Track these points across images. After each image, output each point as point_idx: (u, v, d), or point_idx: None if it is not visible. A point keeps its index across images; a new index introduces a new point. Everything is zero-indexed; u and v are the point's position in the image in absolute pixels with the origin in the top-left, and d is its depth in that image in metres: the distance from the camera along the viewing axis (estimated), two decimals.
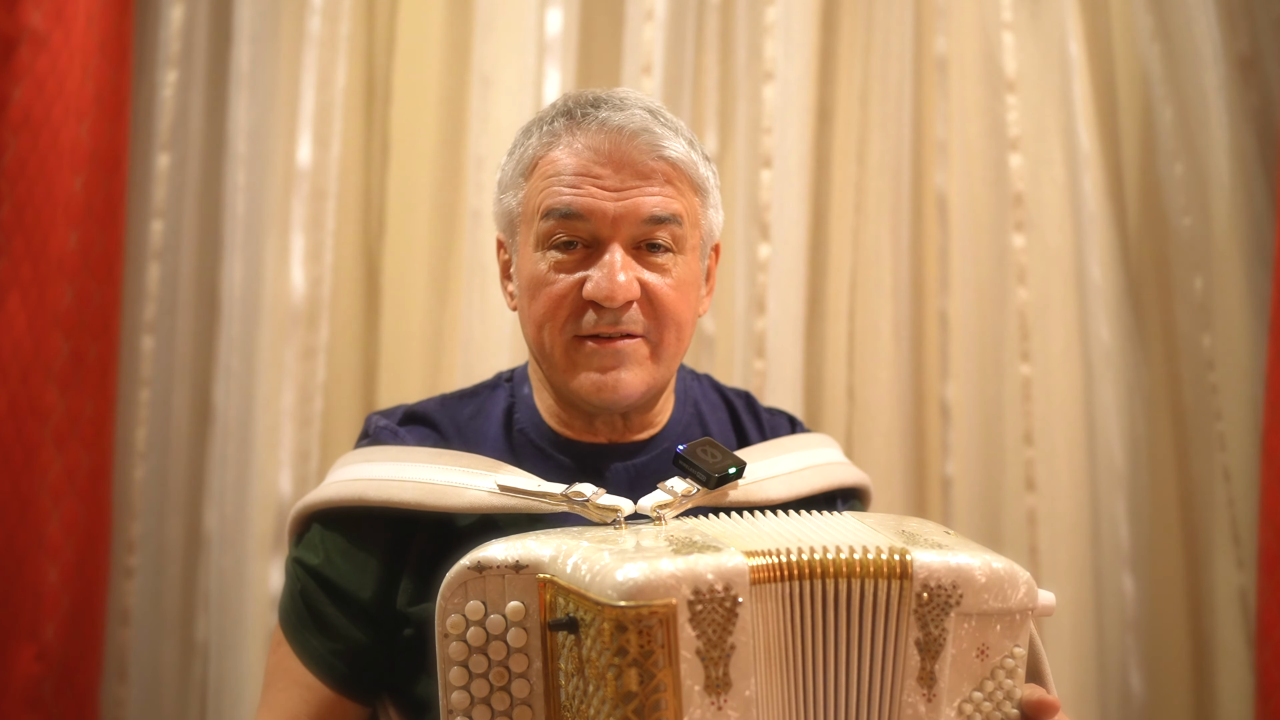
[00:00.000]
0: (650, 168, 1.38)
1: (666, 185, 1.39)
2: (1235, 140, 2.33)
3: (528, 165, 1.43)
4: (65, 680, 2.24)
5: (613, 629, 1.07)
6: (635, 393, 1.40)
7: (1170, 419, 2.41)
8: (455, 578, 1.16)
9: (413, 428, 1.49)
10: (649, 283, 1.39)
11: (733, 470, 1.37)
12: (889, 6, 2.43)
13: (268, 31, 2.43)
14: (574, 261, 1.39)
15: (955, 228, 2.39)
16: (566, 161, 1.39)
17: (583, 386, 1.39)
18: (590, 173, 1.38)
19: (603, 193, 1.37)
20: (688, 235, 1.42)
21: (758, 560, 1.12)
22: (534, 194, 1.41)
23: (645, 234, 1.38)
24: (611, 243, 1.37)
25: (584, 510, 1.30)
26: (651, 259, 1.39)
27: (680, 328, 1.42)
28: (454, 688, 1.17)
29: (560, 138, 1.41)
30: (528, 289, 1.41)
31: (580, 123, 1.40)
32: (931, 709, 1.17)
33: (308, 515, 1.45)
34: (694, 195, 1.43)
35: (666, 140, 1.39)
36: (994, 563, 1.19)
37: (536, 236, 1.40)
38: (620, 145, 1.38)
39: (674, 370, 1.46)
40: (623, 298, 1.36)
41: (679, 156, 1.40)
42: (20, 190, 2.24)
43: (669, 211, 1.38)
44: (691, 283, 1.43)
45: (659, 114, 1.42)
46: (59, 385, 2.24)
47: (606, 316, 1.37)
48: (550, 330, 1.40)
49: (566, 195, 1.37)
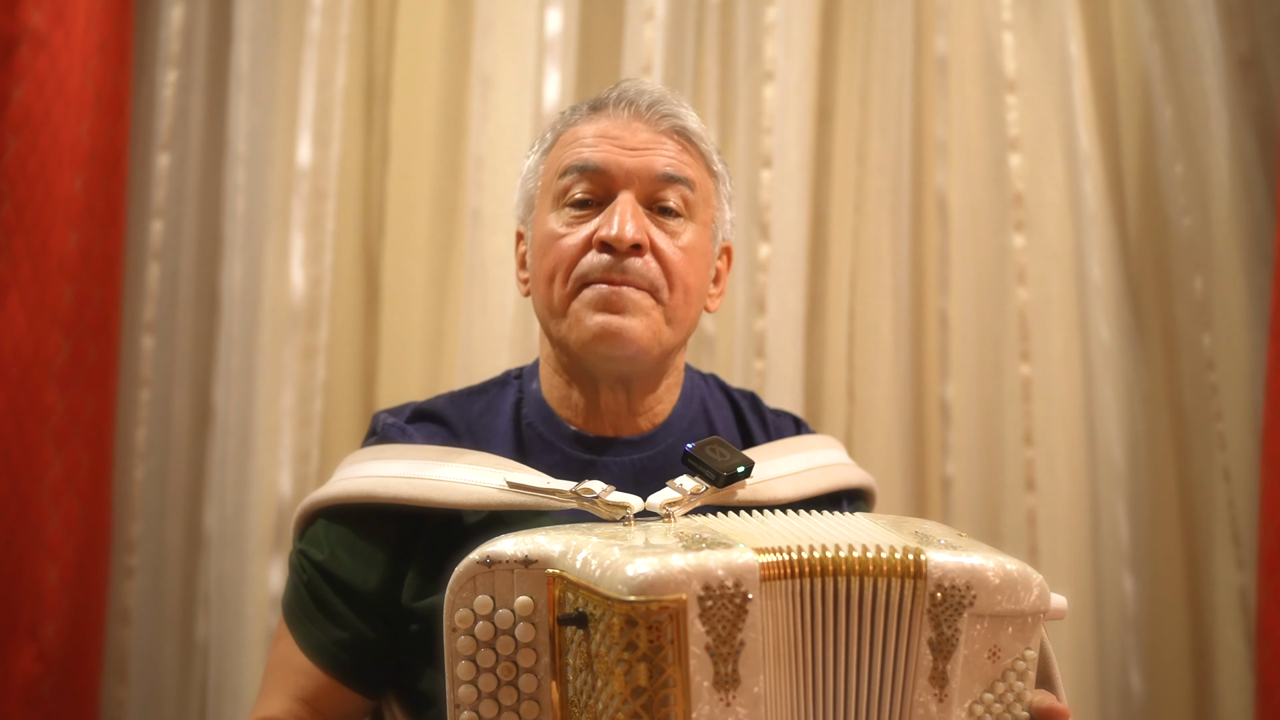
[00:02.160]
0: (665, 132, 1.44)
1: (682, 153, 1.44)
2: (1235, 140, 2.33)
3: (550, 144, 1.49)
4: (65, 680, 2.23)
5: (622, 624, 1.07)
6: (640, 341, 1.39)
7: (1170, 419, 2.41)
8: (464, 572, 1.16)
9: (421, 425, 1.49)
10: (658, 240, 1.41)
11: (741, 469, 1.37)
12: (889, 6, 2.44)
13: (268, 31, 2.43)
14: (589, 216, 1.42)
15: (955, 228, 2.40)
16: (586, 129, 1.45)
17: (587, 330, 1.39)
18: (608, 134, 1.44)
19: (618, 149, 1.42)
20: (700, 205, 1.45)
21: (768, 557, 1.12)
22: (554, 162, 1.46)
23: (657, 191, 1.42)
24: (624, 192, 1.41)
25: (593, 507, 1.30)
26: (663, 220, 1.42)
27: (688, 291, 1.43)
28: (462, 682, 1.17)
29: (583, 115, 1.48)
30: (540, 249, 1.44)
31: (600, 105, 1.47)
32: (943, 709, 1.17)
33: (314, 511, 1.45)
34: (707, 174, 1.48)
35: (681, 111, 1.47)
36: (1007, 564, 1.19)
37: (554, 196, 1.44)
38: (638, 112, 1.45)
39: (680, 339, 1.46)
40: (631, 238, 1.38)
41: (693, 128, 1.47)
42: (20, 190, 2.23)
43: (681, 173, 1.43)
44: (700, 255, 1.45)
45: (678, 96, 1.49)
46: (59, 385, 2.24)
47: (616, 263, 1.38)
48: (560, 279, 1.41)
49: (586, 152, 1.43)
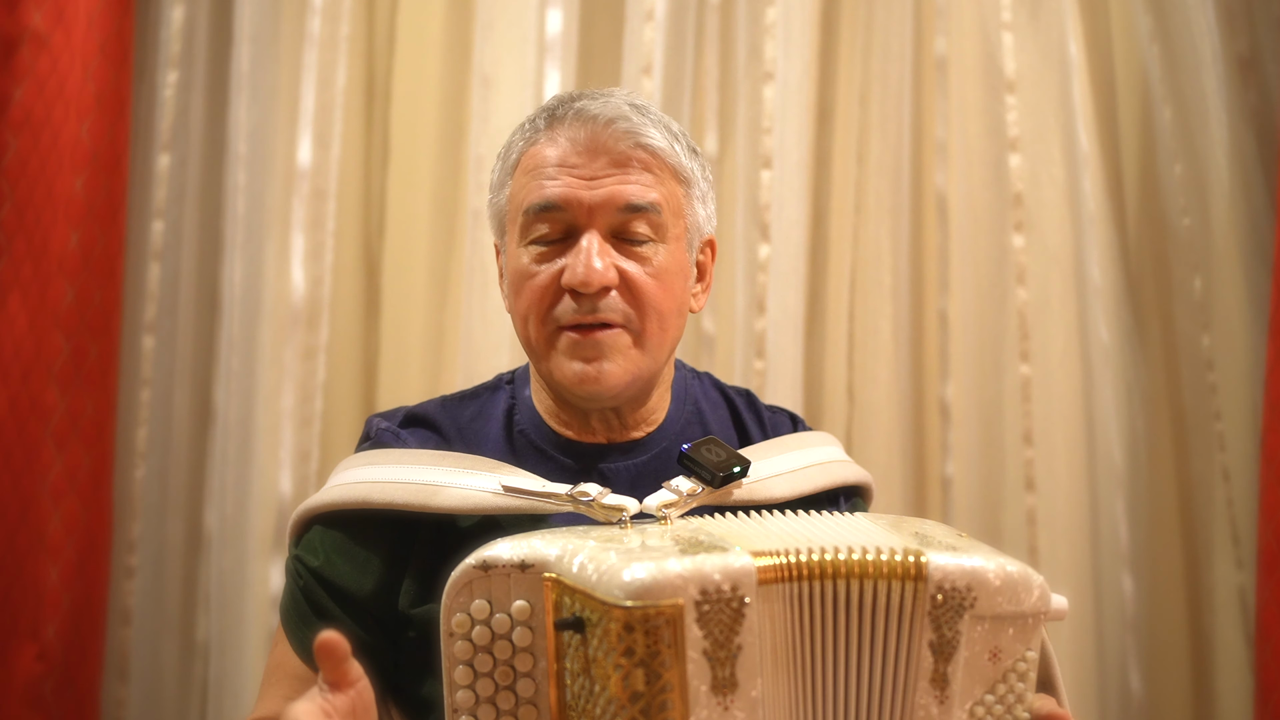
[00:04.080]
0: (626, 155, 1.38)
1: (644, 173, 1.38)
2: (1235, 140, 2.33)
3: (513, 164, 1.44)
4: (66, 680, 2.24)
5: (619, 629, 1.07)
6: (620, 383, 1.38)
7: (1170, 419, 2.41)
8: (461, 577, 1.16)
9: (414, 430, 1.48)
10: (628, 271, 1.38)
11: (737, 469, 1.37)
12: (889, 6, 2.43)
13: (268, 32, 2.43)
14: (554, 252, 1.38)
15: (955, 228, 2.40)
16: (547, 153, 1.39)
17: (566, 377, 1.38)
18: (567, 162, 1.37)
19: (579, 181, 1.37)
20: (669, 224, 1.40)
21: (765, 560, 1.11)
22: (518, 190, 1.41)
23: (622, 222, 1.38)
24: (588, 230, 1.37)
25: (589, 510, 1.30)
26: (631, 248, 1.38)
27: (663, 317, 1.40)
28: (459, 686, 1.16)
29: (541, 132, 1.41)
30: (513, 284, 1.42)
31: (559, 117, 1.40)
32: (944, 711, 1.16)
33: (309, 517, 1.44)
34: (676, 184, 1.42)
35: (643, 128, 1.38)
36: (1008, 566, 1.19)
37: (519, 231, 1.40)
38: (596, 133, 1.37)
39: (661, 362, 1.44)
40: (598, 283, 1.35)
41: (656, 144, 1.39)
42: (21, 190, 2.24)
43: (646, 200, 1.38)
44: (675, 272, 1.42)
45: (641, 107, 1.42)
46: (60, 385, 2.24)
47: (585, 304, 1.36)
48: (534, 323, 1.39)
49: (545, 188, 1.38)
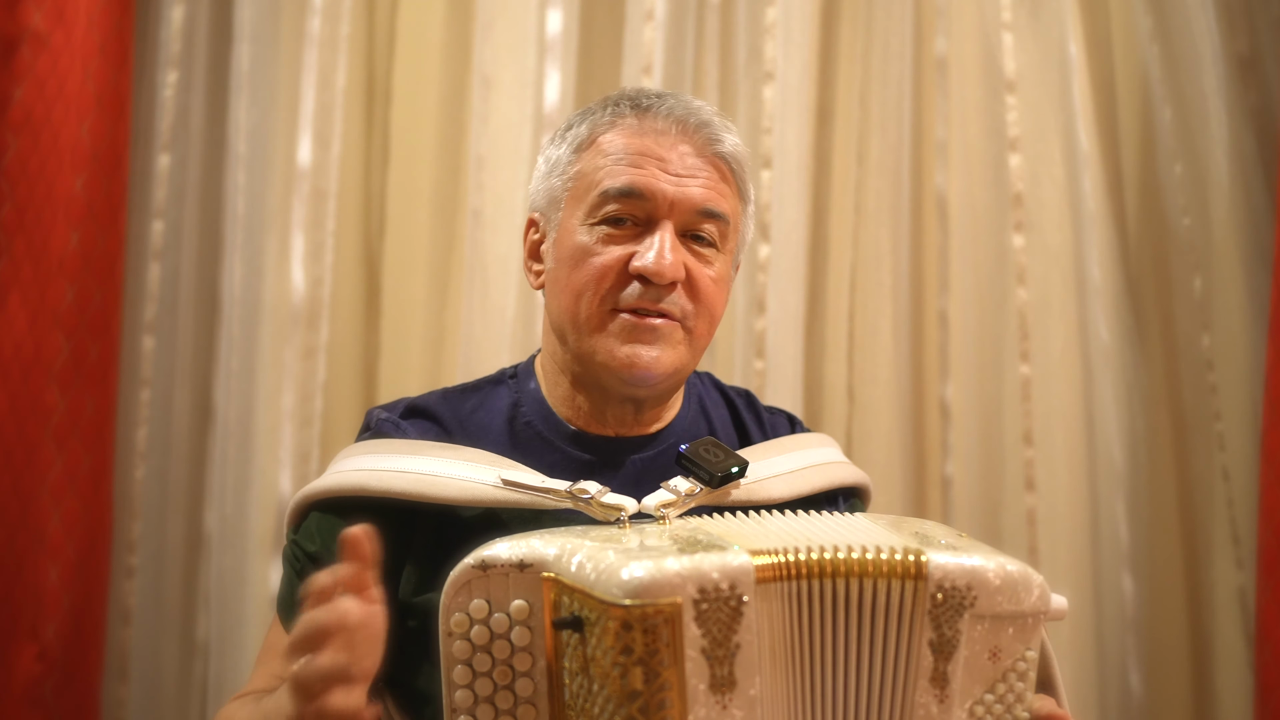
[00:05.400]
0: (710, 161, 1.42)
1: (722, 182, 1.43)
2: (1235, 140, 2.33)
3: (585, 141, 1.45)
4: (66, 680, 2.24)
5: (618, 628, 1.07)
6: (664, 372, 1.40)
7: (1170, 419, 2.41)
8: (459, 576, 1.16)
9: (415, 421, 1.48)
10: (693, 269, 1.41)
11: (735, 469, 1.37)
12: (889, 6, 2.43)
13: (268, 31, 2.43)
14: (624, 237, 1.40)
15: (955, 228, 2.40)
16: (630, 141, 1.42)
17: (614, 358, 1.39)
18: (653, 154, 1.40)
19: (664, 175, 1.40)
20: (730, 236, 1.45)
21: (763, 559, 1.12)
22: (591, 169, 1.43)
23: (695, 224, 1.41)
24: (665, 221, 1.39)
25: (588, 508, 1.30)
26: (696, 249, 1.42)
27: (713, 320, 1.44)
28: (458, 686, 1.17)
29: (625, 118, 1.44)
30: (569, 259, 1.42)
31: (647, 109, 1.43)
32: (943, 710, 1.17)
33: (307, 504, 1.44)
34: (739, 201, 1.47)
35: (727, 136, 1.44)
36: (1008, 565, 1.19)
37: (588, 209, 1.41)
38: (686, 133, 1.41)
39: (697, 362, 1.48)
40: (671, 275, 1.38)
41: (737, 155, 1.45)
42: (21, 191, 2.24)
43: (720, 209, 1.42)
44: (725, 282, 1.46)
45: (724, 119, 1.47)
46: (60, 385, 2.24)
47: (652, 293, 1.38)
48: (589, 299, 1.40)
49: (629, 174, 1.40)
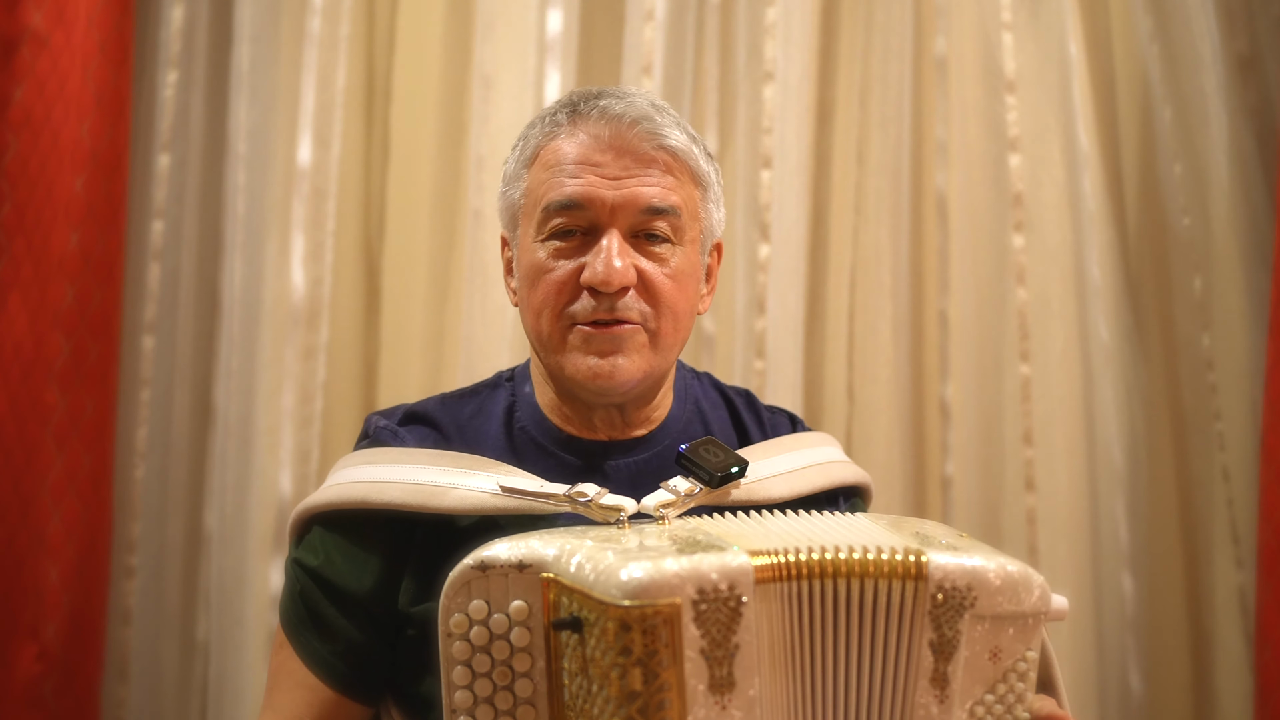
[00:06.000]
0: (650, 156, 1.39)
1: (666, 175, 1.39)
2: (1234, 140, 2.33)
3: (530, 156, 1.44)
4: (66, 680, 2.24)
5: (617, 628, 1.07)
6: (632, 379, 1.39)
7: (1169, 419, 2.41)
8: (459, 577, 1.16)
9: (413, 428, 1.48)
10: (646, 271, 1.39)
11: (735, 469, 1.37)
12: (889, 6, 2.43)
13: (268, 31, 2.43)
14: (573, 248, 1.39)
15: (955, 228, 2.40)
16: (568, 150, 1.39)
17: (579, 371, 1.38)
18: (590, 160, 1.38)
19: (602, 180, 1.37)
20: (686, 227, 1.42)
21: (763, 560, 1.12)
22: (536, 185, 1.42)
23: (643, 223, 1.39)
24: (609, 229, 1.38)
25: (587, 510, 1.30)
26: (649, 248, 1.39)
27: (677, 318, 1.41)
28: (457, 687, 1.17)
29: (562, 128, 1.41)
30: (528, 278, 1.42)
31: (582, 113, 1.41)
32: (944, 710, 1.17)
33: (308, 518, 1.44)
34: (694, 187, 1.43)
35: (666, 129, 1.40)
36: (1008, 565, 1.19)
37: (537, 225, 1.41)
38: (620, 132, 1.38)
39: (671, 362, 1.46)
40: (618, 283, 1.36)
41: (679, 146, 1.40)
42: (21, 191, 2.24)
43: (667, 203, 1.39)
44: (690, 274, 1.43)
45: (662, 108, 1.43)
46: (60, 385, 2.24)
47: (603, 303, 1.37)
48: (548, 316, 1.40)
49: (567, 186, 1.38)
